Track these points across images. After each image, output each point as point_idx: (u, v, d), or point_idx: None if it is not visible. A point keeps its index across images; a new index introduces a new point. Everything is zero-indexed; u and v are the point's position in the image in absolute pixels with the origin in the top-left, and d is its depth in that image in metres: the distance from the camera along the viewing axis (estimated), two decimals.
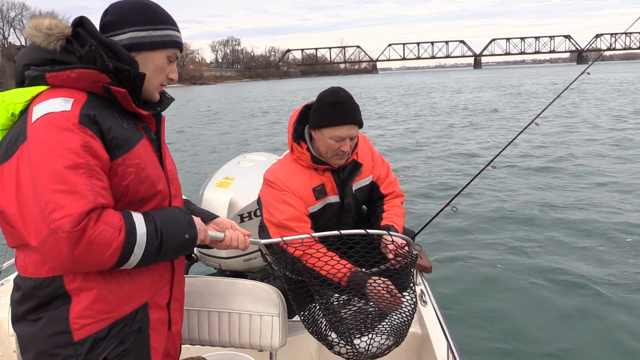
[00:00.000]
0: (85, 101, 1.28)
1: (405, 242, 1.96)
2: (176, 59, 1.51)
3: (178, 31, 1.50)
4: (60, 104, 1.25)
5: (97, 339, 1.29)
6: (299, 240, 2.14)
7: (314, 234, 1.77)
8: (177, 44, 1.49)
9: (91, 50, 1.29)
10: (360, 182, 2.45)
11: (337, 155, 2.26)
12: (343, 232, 1.74)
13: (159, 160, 1.49)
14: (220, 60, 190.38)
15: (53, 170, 1.17)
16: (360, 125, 2.25)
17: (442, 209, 3.29)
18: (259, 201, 2.46)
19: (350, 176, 2.38)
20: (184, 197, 1.75)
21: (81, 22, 1.35)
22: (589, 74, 3.54)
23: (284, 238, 1.75)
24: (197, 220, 1.48)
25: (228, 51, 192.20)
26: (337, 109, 2.20)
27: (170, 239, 1.34)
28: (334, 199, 2.37)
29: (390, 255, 1.99)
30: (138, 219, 1.29)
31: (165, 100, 1.56)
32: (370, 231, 1.78)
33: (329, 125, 2.20)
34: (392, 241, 1.94)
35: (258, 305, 1.90)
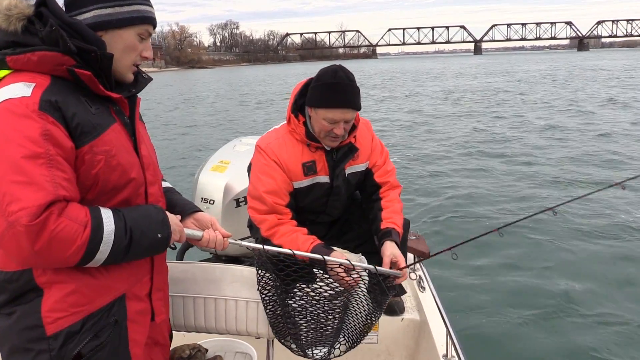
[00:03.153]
0: (47, 86, 1.22)
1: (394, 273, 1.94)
2: (149, 36, 1.41)
3: (149, 5, 1.39)
4: (20, 89, 1.19)
5: (71, 333, 1.25)
6: (274, 221, 2.21)
7: (297, 252, 1.72)
8: (148, 20, 1.38)
9: (52, 31, 1.21)
10: (354, 167, 2.38)
11: (330, 137, 2.20)
12: (327, 258, 1.73)
13: (134, 145, 1.41)
14: (218, 44, 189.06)
15: (11, 160, 1.12)
16: (356, 108, 2.18)
17: (489, 232, 2.60)
18: (248, 168, 2.43)
19: (344, 159, 2.31)
20: (169, 185, 1.70)
21: (44, 1, 1.27)
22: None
23: (266, 247, 1.69)
24: (172, 218, 1.43)
25: (226, 35, 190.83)
26: (334, 91, 2.12)
27: (141, 237, 1.29)
28: (323, 178, 2.32)
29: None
30: (106, 215, 1.24)
31: (141, 81, 1.47)
32: (355, 264, 1.77)
33: (323, 106, 2.14)
34: (379, 274, 1.88)
35: (254, 291, 1.86)
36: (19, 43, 1.23)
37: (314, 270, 1.82)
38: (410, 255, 3.14)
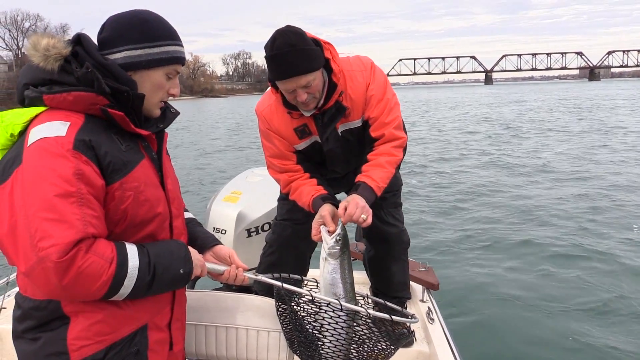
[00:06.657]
0: (81, 125, 1.26)
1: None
2: (177, 74, 1.45)
3: (178, 44, 1.42)
4: (56, 128, 1.23)
5: None
6: (286, 179, 2.30)
7: (315, 295, 1.69)
8: (176, 60, 1.42)
9: (88, 72, 1.27)
10: (347, 124, 2.24)
11: (299, 105, 2.10)
12: (344, 304, 1.65)
13: (160, 180, 1.45)
14: (231, 74, 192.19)
15: (43, 197, 1.16)
16: (305, 72, 1.97)
17: None
18: None
19: (331, 122, 2.19)
20: (190, 215, 1.74)
21: (79, 40, 1.33)
22: None
23: (284, 285, 1.71)
24: (194, 253, 1.47)
25: (239, 64, 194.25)
26: (274, 63, 1.98)
27: (163, 273, 1.33)
28: (319, 139, 2.28)
29: None
30: (132, 251, 1.28)
31: (169, 116, 1.51)
32: (372, 312, 1.65)
33: (274, 78, 2.05)
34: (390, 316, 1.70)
35: (266, 321, 1.89)
36: (55, 81, 1.28)
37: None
38: (419, 287, 3.15)
